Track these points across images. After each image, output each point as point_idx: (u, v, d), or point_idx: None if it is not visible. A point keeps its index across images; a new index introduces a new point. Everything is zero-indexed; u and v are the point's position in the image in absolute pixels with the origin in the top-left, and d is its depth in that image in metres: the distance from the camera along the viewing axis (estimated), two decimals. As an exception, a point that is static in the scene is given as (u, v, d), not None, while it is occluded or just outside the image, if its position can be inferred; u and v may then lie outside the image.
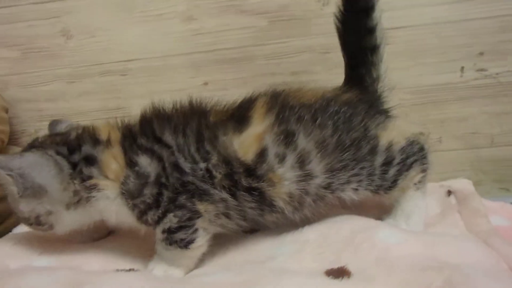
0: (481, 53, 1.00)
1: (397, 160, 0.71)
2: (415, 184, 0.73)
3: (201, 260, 0.69)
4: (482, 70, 1.01)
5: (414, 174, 0.73)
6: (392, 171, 0.71)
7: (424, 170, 0.74)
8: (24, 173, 0.63)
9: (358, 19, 0.78)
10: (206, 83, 1.07)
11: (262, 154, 0.65)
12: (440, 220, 0.77)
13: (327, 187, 0.68)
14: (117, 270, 0.64)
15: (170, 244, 0.65)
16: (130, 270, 0.65)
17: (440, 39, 1.00)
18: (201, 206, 0.64)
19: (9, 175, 0.63)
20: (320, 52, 1.04)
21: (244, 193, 0.65)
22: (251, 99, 0.71)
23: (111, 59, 1.09)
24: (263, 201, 0.66)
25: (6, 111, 1.07)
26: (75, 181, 0.65)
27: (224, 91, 1.07)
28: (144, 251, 0.71)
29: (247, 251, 0.69)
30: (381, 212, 0.77)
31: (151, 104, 0.71)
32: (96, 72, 1.10)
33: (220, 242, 0.72)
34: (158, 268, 0.66)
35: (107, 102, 1.11)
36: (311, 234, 0.68)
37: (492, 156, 1.03)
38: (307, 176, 0.66)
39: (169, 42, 1.07)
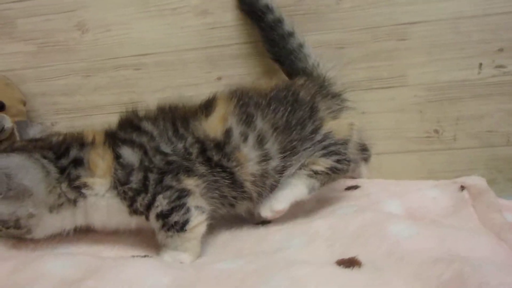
0: (501, 50, 1.00)
1: (325, 143, 0.79)
2: (311, 170, 0.78)
3: (214, 249, 0.72)
4: (501, 67, 1.01)
5: (322, 162, 0.78)
6: (317, 148, 0.78)
7: (332, 169, 0.79)
8: (11, 173, 0.64)
9: (274, 31, 0.96)
10: (220, 78, 1.10)
11: (228, 132, 0.74)
12: (452, 213, 0.78)
13: (281, 171, 0.76)
14: (133, 257, 0.67)
15: (168, 230, 0.70)
16: (145, 256, 0.68)
17: (458, 35, 1.01)
18: (189, 181, 0.70)
19: None
20: (335, 47, 1.05)
21: (219, 170, 0.73)
22: (214, 95, 0.81)
23: (125, 54, 1.12)
24: (235, 183, 0.73)
25: (24, 104, 1.11)
26: (62, 185, 0.69)
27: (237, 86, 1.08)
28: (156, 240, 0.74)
29: (259, 242, 0.72)
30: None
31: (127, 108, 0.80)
32: (111, 66, 1.13)
33: (232, 232, 0.74)
34: (166, 257, 0.70)
35: (121, 96, 1.14)
36: (321, 227, 0.71)
37: (508, 155, 1.03)
38: (265, 157, 0.75)
39: (184, 37, 1.09)
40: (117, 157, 0.70)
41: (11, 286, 0.57)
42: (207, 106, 0.78)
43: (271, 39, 0.98)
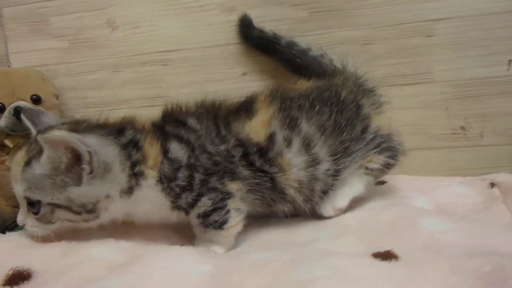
0: (529, 46, 0.99)
1: (376, 141, 0.79)
2: (367, 168, 0.79)
3: (244, 240, 0.74)
4: (529, 64, 1.00)
5: (376, 159, 0.79)
6: (371, 146, 0.78)
7: (386, 165, 0.80)
8: (96, 150, 0.64)
9: (292, 49, 0.99)
10: (244, 74, 1.12)
11: (271, 137, 0.73)
12: (483, 209, 0.78)
13: (335, 174, 0.74)
14: (172, 245, 0.69)
15: (206, 226, 0.71)
16: (182, 245, 0.70)
17: (485, 31, 1.00)
18: (232, 186, 0.70)
19: (88, 151, 0.62)
20: (360, 43, 1.06)
21: (260, 174, 0.72)
22: (252, 96, 0.80)
23: (152, 50, 1.16)
24: (275, 188, 0.73)
25: (57, 97, 1.16)
26: (127, 164, 0.67)
27: (262, 82, 1.10)
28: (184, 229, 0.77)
29: (289, 234, 0.73)
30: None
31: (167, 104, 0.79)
32: (138, 62, 1.17)
33: (260, 224, 0.76)
34: (201, 247, 0.72)
35: (148, 91, 1.17)
36: (352, 219, 0.72)
37: (536, 152, 1.01)
38: (313, 161, 0.73)
39: (209, 33, 1.12)
40: (165, 151, 0.69)
41: (62, 268, 0.60)
42: (248, 107, 0.77)
43: (292, 55, 0.99)
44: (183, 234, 0.77)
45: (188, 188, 0.68)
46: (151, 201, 0.69)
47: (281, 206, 0.77)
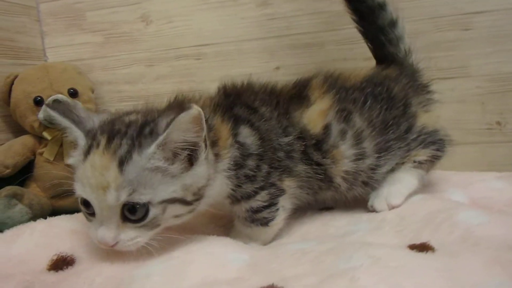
0: None
1: (420, 138, 0.79)
2: (414, 162, 0.79)
3: (279, 232, 0.76)
4: None
5: (422, 153, 0.79)
6: (414, 145, 0.78)
7: (433, 156, 0.80)
8: (204, 126, 0.60)
9: (363, 2, 0.86)
10: (278, 68, 1.13)
11: (327, 128, 0.73)
12: None
13: (374, 169, 0.76)
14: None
15: (252, 222, 0.71)
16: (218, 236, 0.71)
17: (524, 25, 0.99)
18: (288, 182, 0.71)
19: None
20: (394, 37, 1.06)
21: (316, 167, 0.73)
22: (304, 80, 0.80)
23: (187, 44, 1.18)
24: (326, 177, 0.74)
25: (93, 91, 1.19)
26: (209, 144, 0.63)
27: (295, 76, 1.11)
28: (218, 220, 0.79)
29: (325, 227, 0.75)
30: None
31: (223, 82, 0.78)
32: (172, 56, 1.20)
33: (296, 217, 0.78)
34: (238, 240, 0.71)
35: (181, 85, 1.20)
36: (387, 213, 0.74)
37: None
38: (362, 155, 0.74)
39: (244, 27, 1.14)
40: (235, 134, 0.67)
41: (105, 255, 0.62)
42: (303, 94, 0.76)
43: (359, 10, 0.88)
44: (218, 224, 0.80)
45: (253, 179, 0.66)
46: (217, 186, 0.65)
47: (325, 194, 0.78)
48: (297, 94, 0.76)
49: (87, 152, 0.59)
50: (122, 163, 0.56)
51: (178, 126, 0.56)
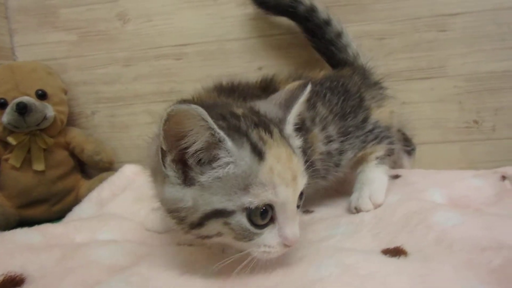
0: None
1: (376, 131, 0.88)
2: (376, 158, 0.88)
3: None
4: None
5: (379, 148, 0.88)
6: (370, 138, 0.87)
7: (389, 150, 0.89)
8: None
9: (309, 21, 1.04)
10: (260, 68, 1.15)
11: (301, 116, 0.76)
12: (496, 202, 0.82)
13: (341, 153, 0.85)
14: (179, 245, 0.71)
15: None
16: (191, 245, 0.71)
17: (499, 26, 1.07)
18: None
19: None
20: (376, 37, 1.11)
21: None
22: (269, 77, 0.90)
23: (167, 43, 1.18)
24: (309, 165, 0.77)
25: (65, 93, 1.17)
26: None
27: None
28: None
29: (303, 231, 0.74)
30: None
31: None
32: (152, 56, 1.19)
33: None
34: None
35: (161, 86, 1.20)
36: (366, 216, 0.77)
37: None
38: (330, 138, 0.83)
39: (225, 27, 1.15)
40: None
41: (62, 272, 0.60)
42: (271, 87, 0.85)
43: (309, 29, 1.06)
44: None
45: None
46: None
47: (313, 183, 0.81)
48: (266, 87, 0.86)
49: (258, 151, 0.55)
50: (291, 147, 0.59)
51: (301, 103, 0.64)
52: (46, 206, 1.11)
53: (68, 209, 1.01)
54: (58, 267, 0.61)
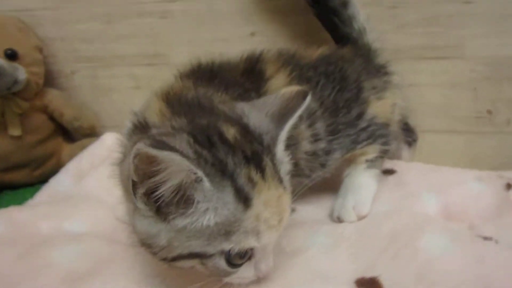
0: None
1: (370, 129, 0.78)
2: (367, 160, 0.79)
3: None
4: None
5: (371, 149, 0.79)
6: (362, 137, 0.77)
7: (382, 152, 0.80)
8: None
9: None
10: (253, 34, 1.03)
11: None
12: (495, 217, 0.75)
13: (327, 153, 0.75)
14: None
15: None
16: None
17: (534, 4, 0.89)
18: None
19: None
20: (387, 6, 0.97)
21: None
22: (257, 54, 0.77)
23: (150, -1, 1.05)
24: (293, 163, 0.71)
25: (41, 51, 1.08)
26: None
27: (271, 45, 1.01)
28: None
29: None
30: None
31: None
32: (134, 13, 1.08)
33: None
34: None
35: (144, 47, 1.10)
36: (347, 227, 0.71)
37: None
38: (317, 136, 0.74)
39: (216, -16, 1.01)
40: None
41: (19, 275, 0.58)
42: (255, 68, 0.74)
43: None
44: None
45: None
46: None
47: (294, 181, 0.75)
48: (250, 69, 0.74)
49: (244, 197, 0.49)
50: (282, 181, 0.53)
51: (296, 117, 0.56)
52: (26, 171, 1.08)
53: (50, 173, 0.99)
54: (16, 267, 0.59)
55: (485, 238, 0.68)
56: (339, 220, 0.74)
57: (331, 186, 0.83)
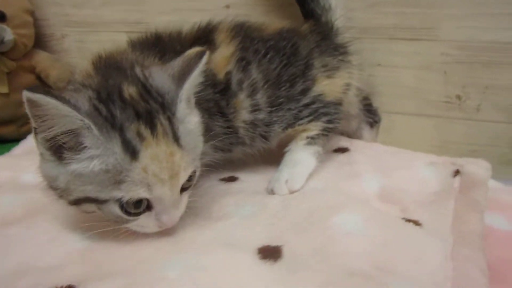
0: None
1: (313, 106, 0.79)
2: (308, 137, 0.80)
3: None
4: None
5: (314, 126, 0.80)
6: (305, 113, 0.79)
7: (325, 129, 0.81)
8: None
9: None
10: (228, 6, 1.04)
11: (229, 75, 0.75)
12: (431, 203, 0.74)
13: (268, 124, 0.78)
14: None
15: None
16: None
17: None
18: None
19: None
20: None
21: (226, 119, 0.75)
22: (213, 24, 0.81)
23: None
24: (231, 129, 0.76)
25: (32, 13, 1.13)
26: None
27: (245, 18, 1.01)
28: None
29: (211, 204, 0.73)
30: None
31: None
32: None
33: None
34: None
35: (128, 15, 1.13)
36: (273, 199, 0.73)
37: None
38: (256, 107, 0.76)
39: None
40: None
41: None
42: (208, 38, 0.77)
43: None
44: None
45: None
46: None
47: (238, 149, 0.81)
48: (202, 37, 0.77)
49: (132, 150, 0.53)
50: (178, 140, 0.56)
51: (195, 76, 0.59)
52: (13, 127, 1.16)
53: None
54: None
55: (408, 221, 0.67)
56: (272, 192, 0.77)
57: (280, 160, 0.85)
